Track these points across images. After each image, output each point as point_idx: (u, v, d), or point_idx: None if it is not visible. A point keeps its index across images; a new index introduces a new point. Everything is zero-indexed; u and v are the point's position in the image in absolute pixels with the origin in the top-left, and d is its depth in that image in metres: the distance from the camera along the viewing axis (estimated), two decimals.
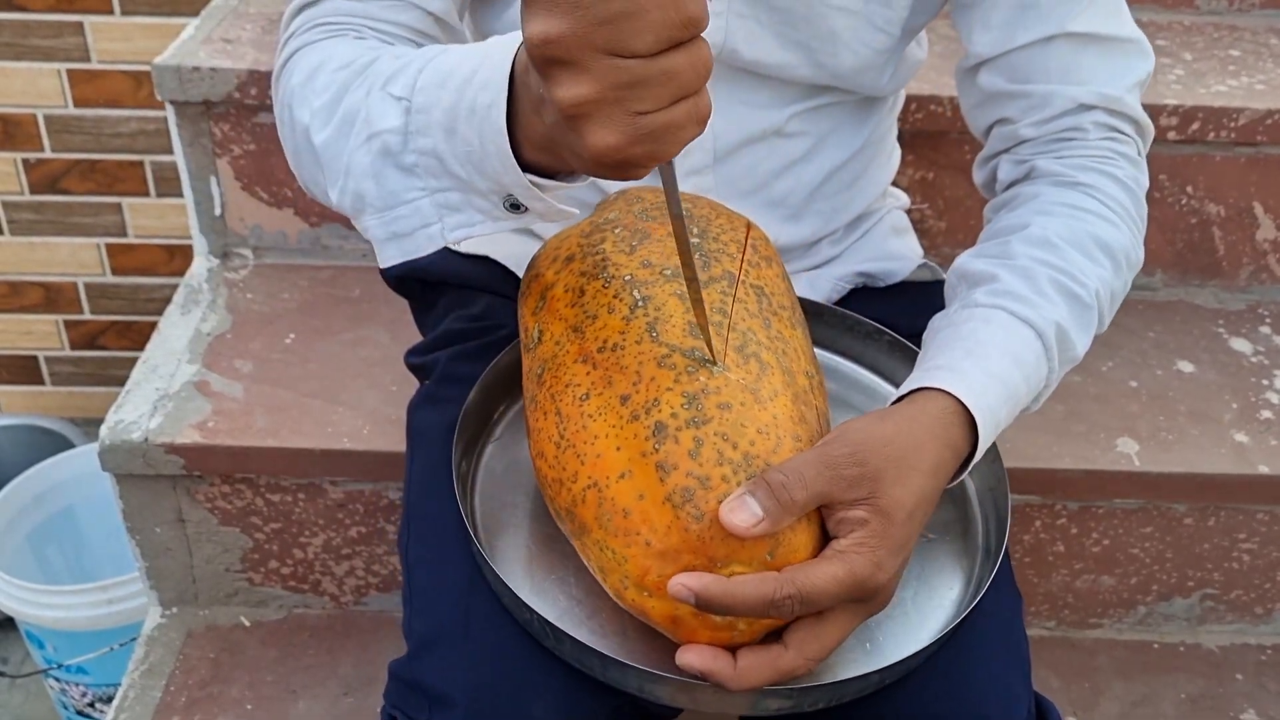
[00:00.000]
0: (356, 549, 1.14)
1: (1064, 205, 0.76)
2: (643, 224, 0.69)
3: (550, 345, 0.65)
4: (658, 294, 0.63)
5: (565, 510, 0.62)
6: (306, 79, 0.68)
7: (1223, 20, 1.42)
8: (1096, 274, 0.73)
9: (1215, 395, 1.16)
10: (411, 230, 0.64)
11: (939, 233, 1.29)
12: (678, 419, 0.58)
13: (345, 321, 1.22)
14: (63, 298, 1.89)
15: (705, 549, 0.57)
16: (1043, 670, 1.16)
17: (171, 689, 1.10)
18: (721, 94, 0.81)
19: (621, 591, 0.60)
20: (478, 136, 0.58)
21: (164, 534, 1.13)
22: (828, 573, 0.56)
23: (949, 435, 0.64)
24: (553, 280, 0.68)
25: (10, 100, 1.71)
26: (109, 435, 1.06)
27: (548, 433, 0.62)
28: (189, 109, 1.21)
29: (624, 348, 0.61)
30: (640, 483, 0.58)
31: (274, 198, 1.27)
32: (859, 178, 0.90)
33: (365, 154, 0.64)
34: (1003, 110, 0.81)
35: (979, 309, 0.71)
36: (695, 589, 0.55)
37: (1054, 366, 0.71)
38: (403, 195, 0.63)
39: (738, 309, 0.64)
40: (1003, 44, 0.78)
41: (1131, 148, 0.80)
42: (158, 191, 1.79)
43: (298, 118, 0.68)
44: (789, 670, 0.58)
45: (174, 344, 1.17)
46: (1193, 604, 1.18)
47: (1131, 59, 0.79)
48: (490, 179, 0.60)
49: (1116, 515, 1.12)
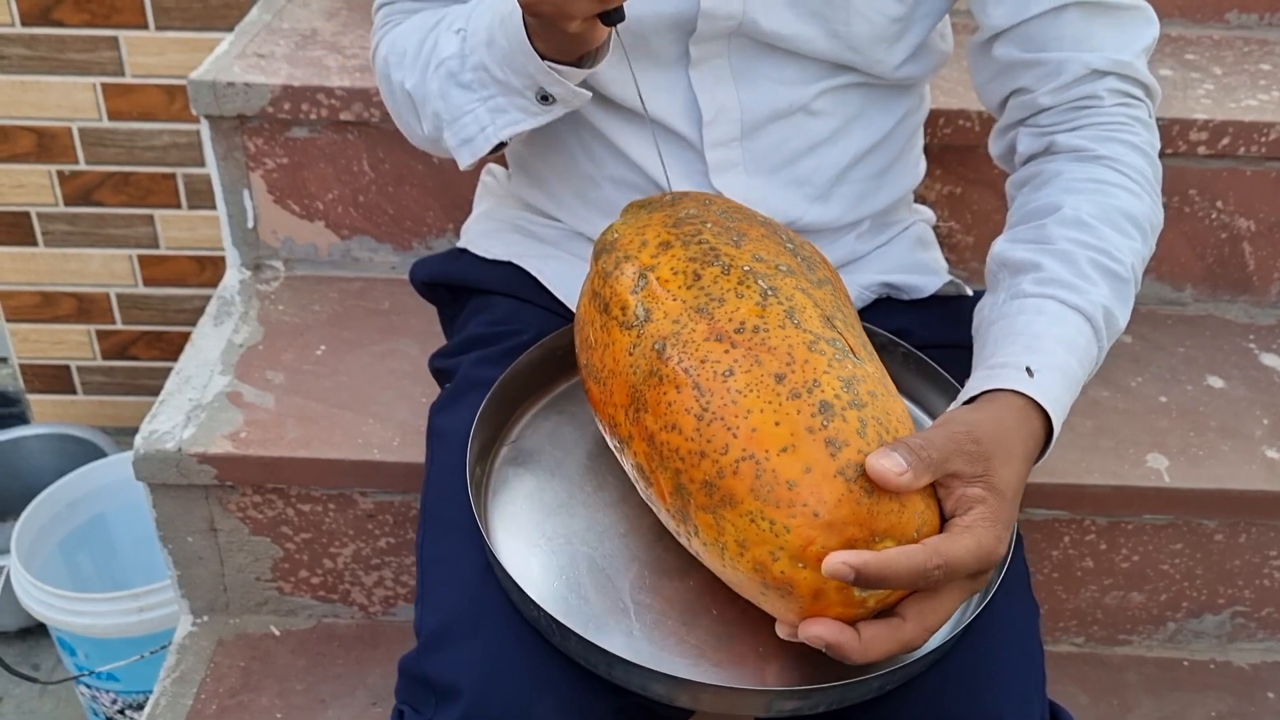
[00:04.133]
0: (386, 559, 1.15)
1: (1089, 181, 0.79)
2: (732, 223, 0.72)
3: (666, 323, 0.66)
4: (783, 286, 0.66)
5: (702, 483, 0.62)
6: (392, 47, 0.86)
7: (1253, 34, 1.42)
8: (1130, 248, 0.76)
9: (1246, 411, 1.16)
10: (474, 135, 0.81)
11: (966, 247, 1.29)
12: (841, 400, 0.61)
13: (375, 333, 1.23)
14: (95, 308, 1.91)
15: (871, 522, 0.59)
16: (1071, 686, 1.15)
17: (202, 697, 1.11)
18: (749, 68, 0.85)
19: (769, 564, 0.60)
20: (506, 39, 0.75)
21: (196, 543, 1.14)
22: (964, 544, 0.60)
23: (1031, 427, 0.68)
24: (651, 263, 0.69)
25: (46, 113, 1.73)
26: (143, 445, 1.07)
27: (684, 405, 0.63)
28: (223, 123, 1.22)
29: (768, 330, 0.63)
30: (806, 456, 0.59)
31: (305, 210, 1.29)
32: (885, 170, 0.92)
33: (435, 80, 0.81)
34: (1019, 80, 0.83)
35: (1029, 299, 0.74)
36: (856, 565, 0.57)
37: (1103, 345, 0.74)
38: (464, 108, 0.81)
39: (847, 311, 0.69)
40: (1017, 15, 0.81)
41: (1143, 110, 0.82)
42: (189, 204, 1.81)
43: (394, 79, 0.85)
44: (909, 641, 0.61)
45: (207, 355, 1.18)
46: (1223, 621, 1.17)
47: (1139, 26, 0.82)
48: (521, 74, 0.76)
49: (1146, 531, 1.12)
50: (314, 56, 1.25)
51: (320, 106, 1.20)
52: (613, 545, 0.73)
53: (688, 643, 0.67)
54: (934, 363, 0.83)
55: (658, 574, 0.71)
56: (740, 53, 0.84)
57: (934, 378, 0.83)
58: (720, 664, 0.66)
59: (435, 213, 1.29)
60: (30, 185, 1.79)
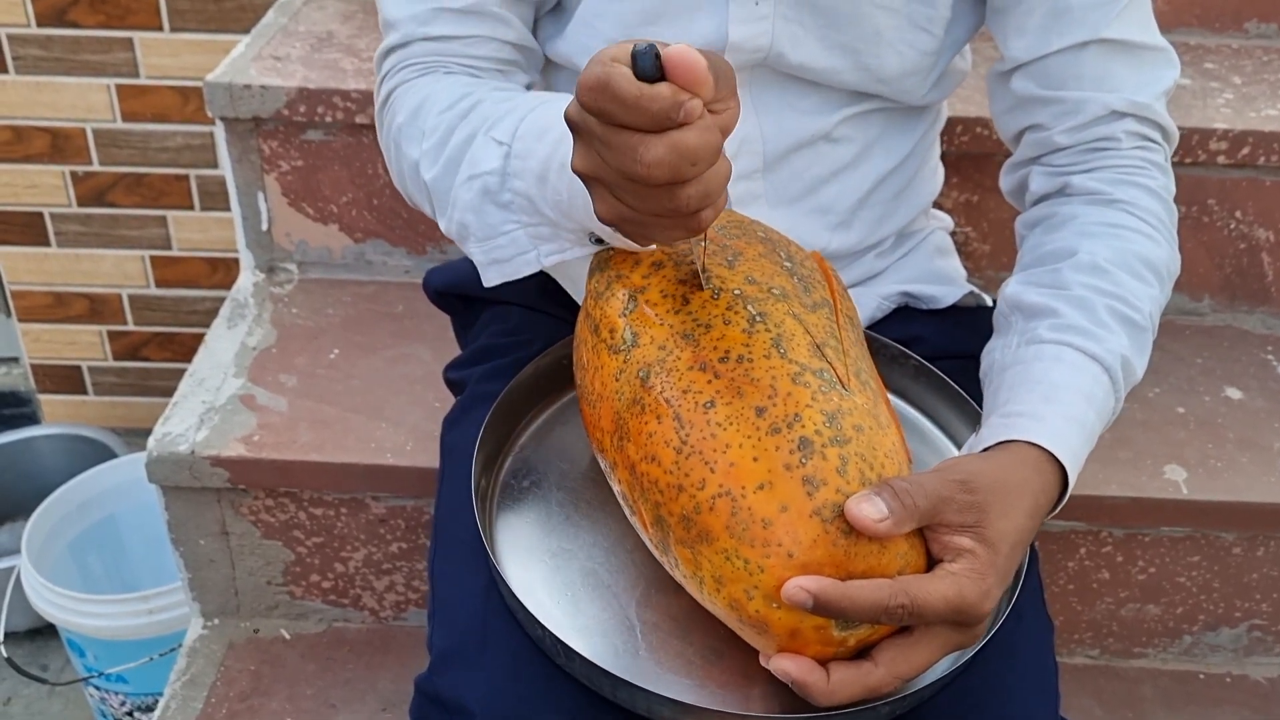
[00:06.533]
0: (397, 564, 1.15)
1: (1105, 225, 0.77)
2: (730, 241, 0.70)
3: (653, 349, 0.65)
4: (772, 312, 0.64)
5: (680, 517, 0.61)
6: (411, 118, 0.76)
7: (1271, 44, 1.41)
8: (1147, 294, 0.75)
9: (1264, 422, 1.15)
10: (510, 257, 0.73)
11: (982, 255, 1.28)
12: (822, 436, 0.59)
13: (389, 337, 1.22)
14: (107, 309, 1.91)
15: (847, 564, 0.57)
16: (1086, 699, 1.14)
17: (212, 700, 1.11)
18: (771, 99, 0.83)
19: (744, 603, 0.59)
20: (566, 189, 0.65)
21: (208, 546, 1.14)
22: (939, 590, 0.57)
23: (1043, 480, 0.66)
24: (642, 284, 0.68)
25: (60, 114, 1.74)
26: (156, 447, 1.07)
27: (664, 437, 0.62)
28: (238, 125, 1.22)
29: (752, 360, 0.61)
30: (783, 494, 0.58)
31: (319, 214, 1.28)
32: (905, 187, 0.91)
33: (467, 191, 0.72)
34: (1035, 116, 0.82)
35: (1046, 345, 0.72)
36: (814, 590, 0.56)
37: (1120, 396, 0.73)
38: (500, 228, 0.72)
39: (843, 335, 0.66)
40: (1037, 49, 0.79)
41: (1160, 154, 0.81)
42: (202, 205, 1.81)
43: (406, 153, 0.77)
44: (876, 687, 0.59)
45: (220, 357, 1.18)
46: (1239, 634, 1.17)
47: (1159, 68, 0.80)
48: (576, 223, 0.67)
49: (1163, 543, 1.11)
50: (330, 59, 1.25)
51: (336, 109, 1.20)
52: (618, 561, 0.71)
53: (695, 664, 0.66)
54: (947, 376, 0.82)
55: (664, 592, 0.69)
56: (761, 83, 0.82)
57: (946, 391, 0.82)
58: (727, 687, 0.65)
59: None
60: (44, 186, 1.79)
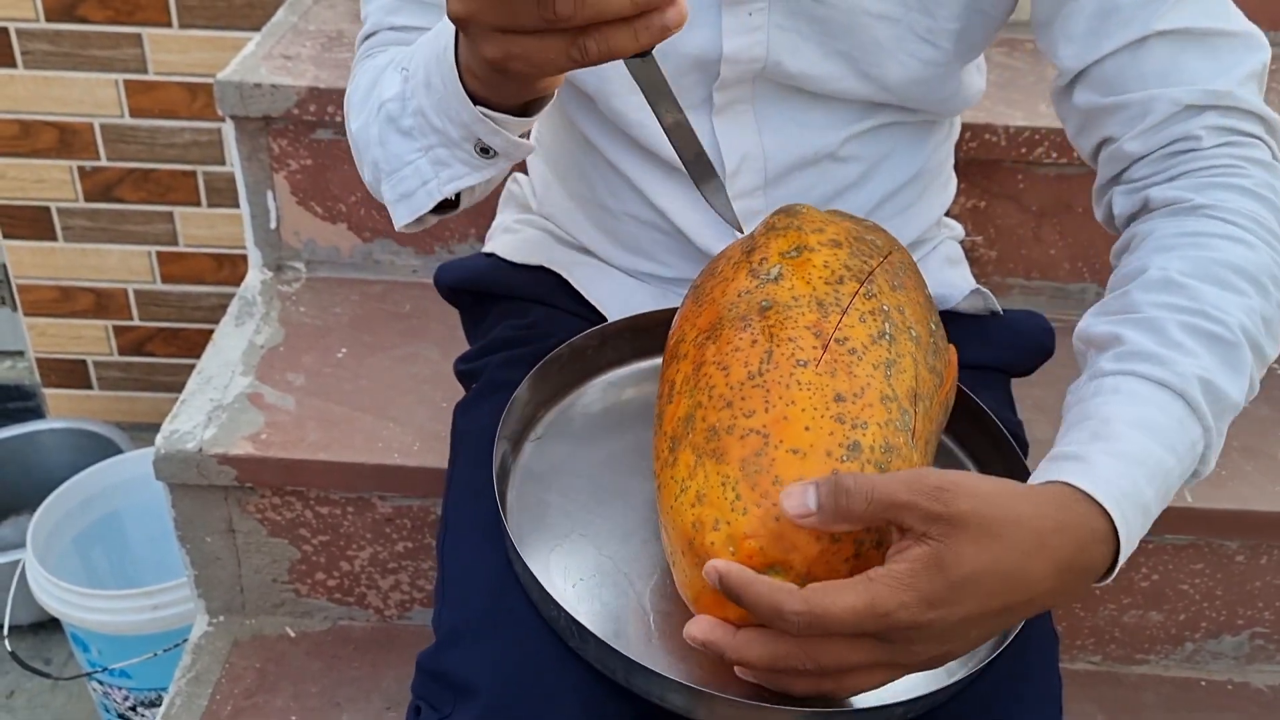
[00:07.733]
0: (403, 563, 1.15)
1: (1182, 236, 0.68)
2: (904, 276, 0.71)
3: (787, 294, 0.66)
4: (902, 342, 0.65)
5: (710, 426, 0.62)
6: (355, 90, 0.77)
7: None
8: (1238, 303, 0.64)
9: (1269, 431, 1.15)
10: (414, 190, 0.72)
11: (989, 262, 1.28)
12: (873, 452, 0.60)
13: (396, 337, 1.23)
14: (113, 304, 1.91)
15: (823, 558, 0.58)
16: (1088, 705, 1.15)
17: (217, 697, 1.11)
18: (774, 114, 0.81)
19: (706, 529, 0.59)
20: (441, 80, 0.65)
21: (214, 543, 1.14)
22: (845, 600, 0.53)
23: (1085, 529, 0.58)
24: (815, 246, 0.69)
25: (68, 109, 1.74)
26: (164, 445, 1.07)
27: (746, 356, 0.63)
28: (248, 124, 1.22)
29: (861, 360, 0.63)
30: (808, 469, 0.59)
31: (328, 212, 1.29)
32: (912, 204, 0.89)
33: (375, 124, 0.72)
34: (1104, 129, 0.74)
35: (1106, 379, 0.64)
36: (722, 570, 0.56)
37: (1209, 424, 0.63)
38: (404, 157, 0.71)
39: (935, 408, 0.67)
40: (1089, 54, 0.72)
41: (1259, 149, 0.70)
42: (209, 202, 1.81)
43: (350, 124, 0.77)
44: (785, 655, 0.56)
45: (228, 355, 1.18)
46: (1241, 642, 1.17)
47: (1238, 51, 0.70)
48: (457, 124, 0.66)
49: (1166, 551, 1.11)
50: (340, 59, 1.25)
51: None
52: (634, 549, 0.72)
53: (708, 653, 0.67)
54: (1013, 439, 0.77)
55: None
56: (765, 97, 0.80)
57: (964, 403, 0.78)
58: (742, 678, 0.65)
59: (458, 217, 1.28)
60: (51, 180, 1.80)
